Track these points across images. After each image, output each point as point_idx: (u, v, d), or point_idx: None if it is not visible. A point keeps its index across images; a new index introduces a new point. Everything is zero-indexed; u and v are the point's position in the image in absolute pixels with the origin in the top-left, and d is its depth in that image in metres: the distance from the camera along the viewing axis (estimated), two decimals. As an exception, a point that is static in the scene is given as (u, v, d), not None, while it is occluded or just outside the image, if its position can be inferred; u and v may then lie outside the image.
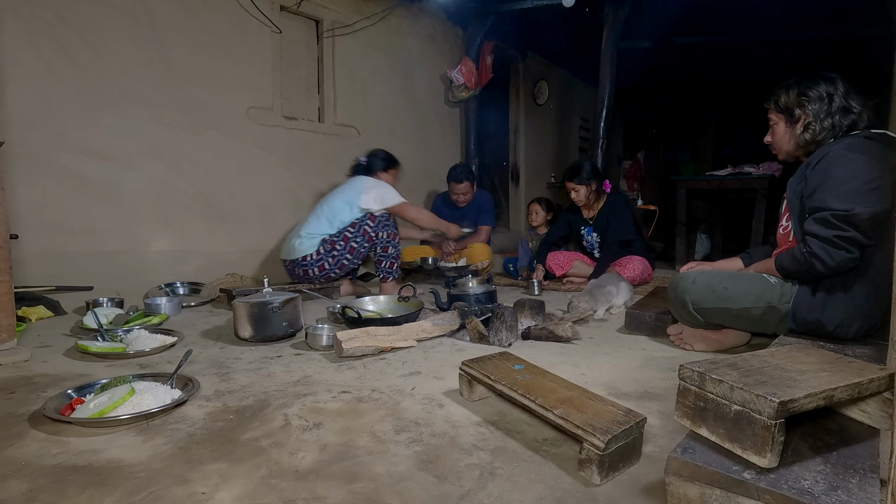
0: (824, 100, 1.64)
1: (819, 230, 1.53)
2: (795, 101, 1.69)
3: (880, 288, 1.54)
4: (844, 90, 1.64)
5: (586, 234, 3.45)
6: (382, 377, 1.58)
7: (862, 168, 1.50)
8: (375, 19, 4.06)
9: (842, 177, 1.52)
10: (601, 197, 3.37)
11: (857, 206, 1.47)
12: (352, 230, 2.89)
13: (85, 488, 0.96)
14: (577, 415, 1.04)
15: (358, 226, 2.89)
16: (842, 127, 1.63)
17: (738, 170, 4.00)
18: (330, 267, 2.87)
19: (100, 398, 1.27)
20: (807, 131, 1.68)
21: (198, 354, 1.81)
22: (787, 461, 0.81)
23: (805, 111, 1.67)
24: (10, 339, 1.76)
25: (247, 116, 3.30)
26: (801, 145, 1.71)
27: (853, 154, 1.53)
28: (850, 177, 1.50)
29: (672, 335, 1.95)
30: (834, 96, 1.63)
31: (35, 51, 2.48)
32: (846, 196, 1.49)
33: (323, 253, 2.85)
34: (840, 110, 1.62)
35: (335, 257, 2.86)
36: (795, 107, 1.69)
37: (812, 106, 1.65)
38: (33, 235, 2.47)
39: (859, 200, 1.48)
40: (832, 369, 0.92)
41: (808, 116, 1.67)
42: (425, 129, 4.67)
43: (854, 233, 1.48)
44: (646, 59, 5.30)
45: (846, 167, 1.52)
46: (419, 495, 0.93)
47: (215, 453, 1.09)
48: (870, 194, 1.48)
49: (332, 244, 2.86)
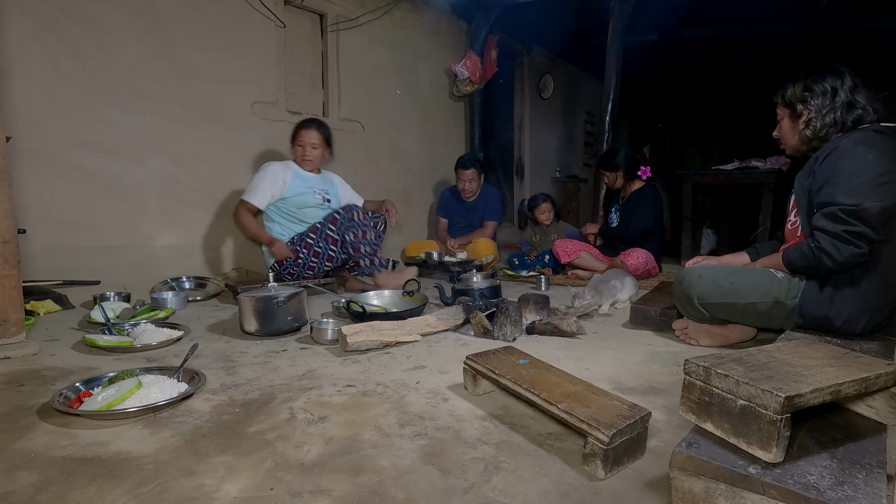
0: (828, 94, 1.62)
1: (827, 225, 1.52)
2: (799, 96, 1.68)
3: (889, 283, 1.53)
4: (851, 84, 1.61)
5: (613, 212, 3.56)
6: (387, 371, 1.58)
7: (871, 162, 1.48)
8: (380, 13, 4.04)
9: (850, 171, 1.50)
10: (634, 183, 3.43)
11: (867, 201, 1.46)
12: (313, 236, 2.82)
13: (94, 480, 0.97)
14: (581, 409, 1.04)
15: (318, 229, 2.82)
16: (846, 122, 1.61)
17: (745, 164, 3.98)
18: (296, 268, 2.82)
19: (107, 391, 1.28)
20: (808, 127, 1.67)
21: (204, 348, 1.82)
22: (792, 456, 0.80)
23: (807, 106, 1.66)
24: (18, 332, 1.78)
25: (251, 111, 3.31)
26: (803, 141, 1.70)
27: (861, 148, 1.51)
28: (858, 171, 1.49)
29: (677, 330, 1.95)
30: (839, 91, 1.61)
31: (41, 46, 2.49)
32: (855, 191, 1.48)
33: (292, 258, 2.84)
34: (844, 105, 1.61)
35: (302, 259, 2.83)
36: (798, 102, 1.68)
37: (815, 101, 1.64)
38: (41, 230, 2.49)
39: (868, 195, 1.46)
40: (839, 364, 0.91)
41: (809, 112, 1.66)
42: (430, 123, 4.66)
43: (863, 227, 1.47)
44: (652, 52, 5.25)
45: (855, 162, 1.50)
46: (424, 488, 0.94)
47: (221, 446, 1.10)
48: (879, 189, 1.46)
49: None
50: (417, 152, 4.55)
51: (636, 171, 3.41)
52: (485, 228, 3.92)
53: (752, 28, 4.98)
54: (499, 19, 4.61)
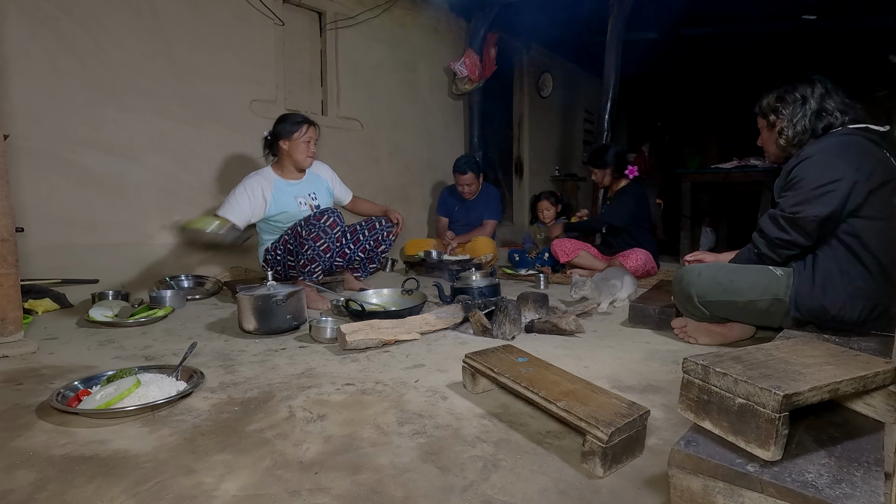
0: (797, 103, 1.68)
1: (767, 227, 1.67)
2: (772, 107, 1.74)
3: (881, 268, 1.56)
4: (822, 91, 1.67)
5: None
6: (386, 370, 1.58)
7: (825, 168, 1.56)
8: (378, 11, 4.03)
9: (803, 179, 1.59)
10: (620, 181, 3.44)
11: (807, 210, 1.56)
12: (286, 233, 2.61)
13: (92, 478, 0.97)
14: (580, 407, 1.04)
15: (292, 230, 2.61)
16: (816, 129, 1.66)
17: (743, 162, 3.97)
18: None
19: (106, 389, 1.28)
20: (781, 136, 1.73)
21: (202, 347, 1.82)
22: (791, 454, 0.80)
23: (779, 116, 1.72)
24: (17, 331, 1.78)
25: (250, 109, 3.30)
26: (780, 149, 1.76)
27: (819, 155, 1.59)
28: (811, 179, 1.57)
29: (676, 328, 1.95)
30: (808, 99, 1.67)
31: (39, 44, 2.48)
32: (800, 198, 1.58)
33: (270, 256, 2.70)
34: (814, 113, 1.66)
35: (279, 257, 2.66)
36: (771, 112, 1.75)
37: (786, 110, 1.70)
38: (39, 228, 2.49)
39: (812, 203, 1.56)
40: (837, 363, 0.91)
41: (782, 121, 1.72)
42: (429, 121, 4.65)
43: (795, 236, 1.60)
44: (651, 50, 5.25)
45: (809, 168, 1.59)
46: (423, 486, 0.94)
47: (220, 444, 1.10)
48: (823, 197, 1.54)
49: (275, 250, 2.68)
50: (416, 151, 4.54)
51: (624, 169, 3.42)
52: (484, 227, 3.92)
53: (752, 26, 4.98)
54: (498, 17, 4.60)
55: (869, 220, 1.55)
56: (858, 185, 1.52)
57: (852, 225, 1.56)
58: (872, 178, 1.53)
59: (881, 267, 1.56)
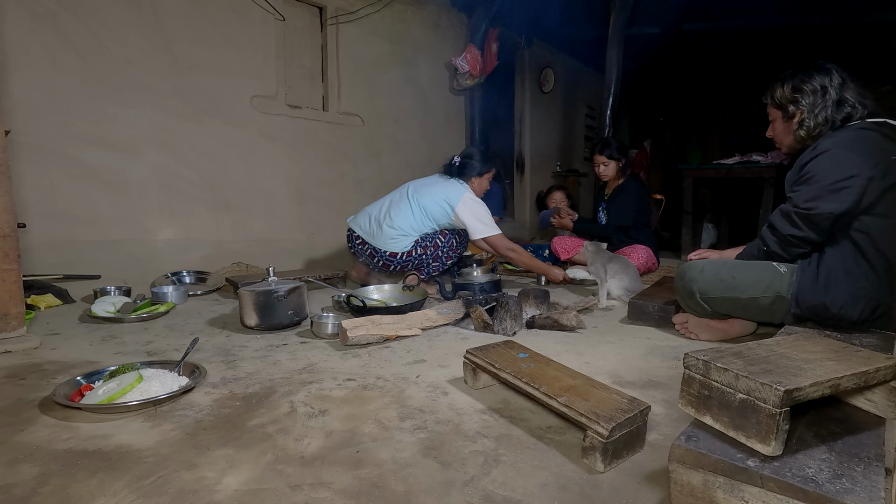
0: (818, 93, 1.63)
1: (780, 224, 1.63)
2: (790, 97, 1.69)
3: (886, 267, 1.54)
4: (840, 81, 1.62)
5: (600, 212, 3.50)
6: (387, 365, 1.59)
7: (840, 164, 1.52)
8: (379, 6, 4.02)
9: (817, 174, 1.56)
10: (621, 177, 3.39)
11: (822, 205, 1.52)
12: (442, 239, 2.73)
13: (95, 473, 0.97)
14: (581, 403, 1.04)
15: (448, 236, 2.75)
16: (835, 120, 1.62)
17: (745, 158, 3.95)
18: (411, 268, 2.75)
19: (108, 385, 1.29)
20: (801, 127, 1.68)
21: (204, 342, 1.82)
22: (791, 449, 0.80)
23: (799, 107, 1.67)
24: (19, 326, 1.78)
25: (251, 105, 3.29)
26: (798, 140, 1.72)
27: (836, 150, 1.55)
28: (826, 174, 1.54)
29: (678, 324, 1.95)
30: (829, 89, 1.62)
31: (39, 39, 2.48)
32: (815, 194, 1.55)
33: (413, 255, 2.69)
34: (834, 103, 1.62)
35: (422, 260, 2.72)
36: (790, 103, 1.70)
37: (806, 101, 1.65)
38: (40, 224, 2.49)
39: (826, 199, 1.52)
40: (838, 358, 0.91)
41: (802, 112, 1.67)
42: (430, 117, 4.64)
43: (808, 233, 1.57)
44: (653, 45, 5.22)
45: (826, 164, 1.55)
46: (423, 481, 0.94)
47: (222, 439, 1.10)
48: (838, 193, 1.51)
49: (425, 248, 2.71)
50: (417, 146, 4.53)
51: (628, 164, 3.39)
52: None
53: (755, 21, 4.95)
54: (499, 12, 4.58)
55: (882, 217, 1.52)
56: (874, 181, 1.49)
57: (864, 222, 1.53)
58: (888, 175, 1.50)
59: (888, 265, 1.54)
